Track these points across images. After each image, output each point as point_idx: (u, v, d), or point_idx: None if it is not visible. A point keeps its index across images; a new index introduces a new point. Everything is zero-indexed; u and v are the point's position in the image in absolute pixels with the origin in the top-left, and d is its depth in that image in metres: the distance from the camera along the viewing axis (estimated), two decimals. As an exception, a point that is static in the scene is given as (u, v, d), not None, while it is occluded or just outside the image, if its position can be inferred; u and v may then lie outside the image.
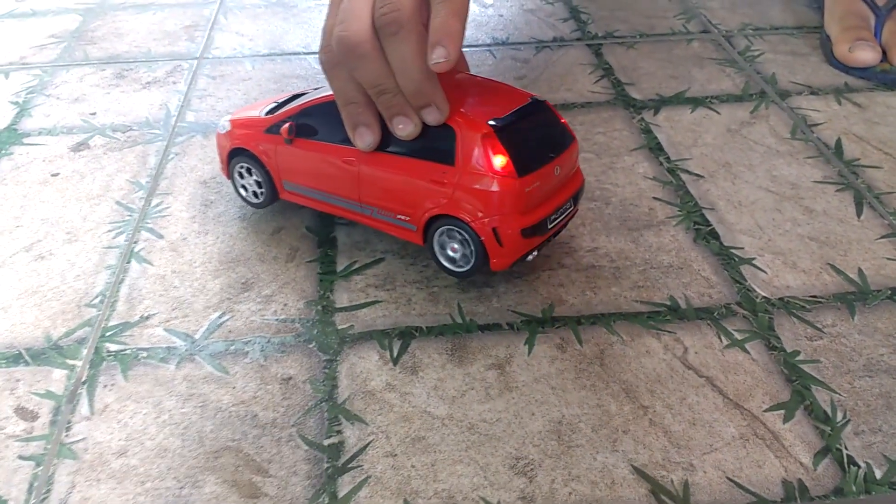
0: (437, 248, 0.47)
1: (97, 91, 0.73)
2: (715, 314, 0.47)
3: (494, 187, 0.43)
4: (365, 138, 0.46)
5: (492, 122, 0.43)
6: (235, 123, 0.53)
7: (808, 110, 0.67)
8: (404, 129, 0.44)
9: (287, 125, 0.49)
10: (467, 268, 0.46)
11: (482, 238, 0.44)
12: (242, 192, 0.55)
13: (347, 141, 0.47)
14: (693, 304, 0.48)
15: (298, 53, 0.79)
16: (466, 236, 0.45)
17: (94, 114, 0.70)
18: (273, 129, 0.51)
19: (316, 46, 0.80)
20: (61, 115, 0.69)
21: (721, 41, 0.80)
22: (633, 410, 0.41)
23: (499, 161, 0.43)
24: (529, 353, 0.45)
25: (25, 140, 0.66)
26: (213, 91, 0.73)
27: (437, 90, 0.43)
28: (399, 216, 0.47)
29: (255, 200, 0.55)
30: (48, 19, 0.88)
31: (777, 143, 0.63)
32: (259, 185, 0.54)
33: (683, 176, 0.59)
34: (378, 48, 0.42)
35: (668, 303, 0.48)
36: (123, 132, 0.67)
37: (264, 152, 0.52)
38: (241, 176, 0.54)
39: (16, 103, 0.71)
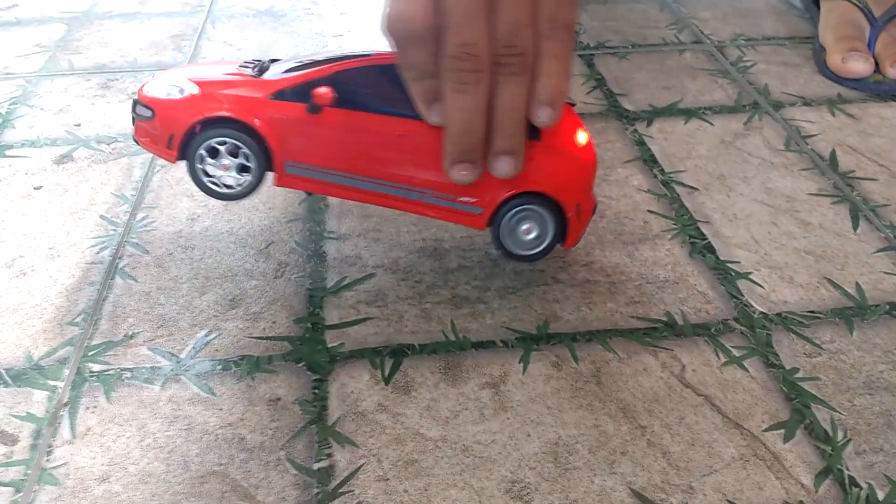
0: (505, 233, 0.45)
1: (82, 102, 0.72)
2: (712, 330, 0.46)
3: (580, 163, 0.42)
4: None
5: (568, 100, 0.42)
6: (208, 85, 0.43)
7: (802, 121, 0.67)
8: (467, 175, 0.40)
9: (324, 90, 0.42)
10: (541, 248, 0.45)
11: (568, 214, 0.43)
12: (207, 179, 0.45)
13: (405, 113, 0.42)
14: (690, 320, 0.47)
15: (287, 63, 0.78)
16: (547, 215, 0.43)
17: (78, 125, 0.68)
18: (285, 94, 0.43)
19: (304, 54, 0.79)
20: (45, 126, 0.68)
21: (713, 52, 0.79)
22: (631, 431, 0.40)
23: (583, 137, 0.42)
24: (524, 371, 0.44)
25: (8, 152, 0.64)
26: (201, 102, 0.71)
27: (523, 141, 0.40)
28: (462, 198, 0.43)
29: (229, 190, 0.45)
30: (32, 28, 0.87)
31: (771, 154, 0.63)
32: (243, 168, 0.44)
33: (678, 188, 0.58)
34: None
35: (665, 319, 0.47)
36: (108, 144, 0.65)
37: (267, 124, 0.43)
38: (210, 157, 0.44)
39: (-2, 114, 0.70)
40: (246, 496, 0.37)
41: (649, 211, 0.56)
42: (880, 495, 0.37)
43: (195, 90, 0.43)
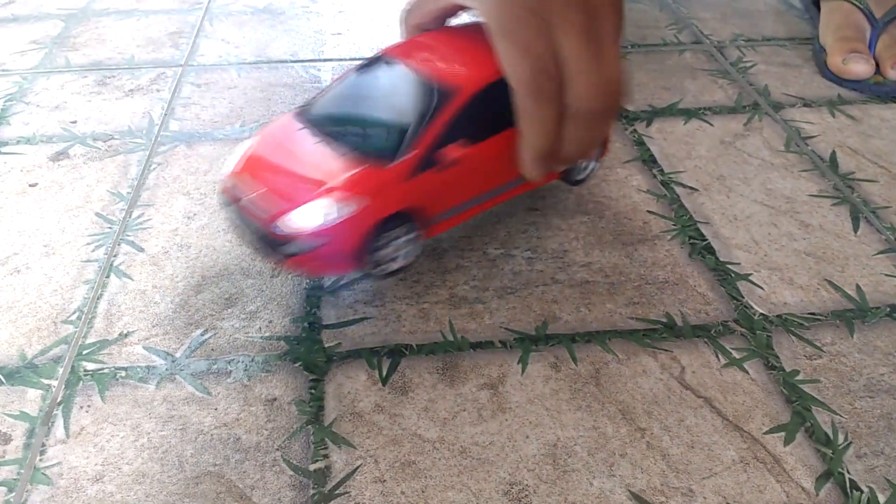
0: (573, 170, 0.53)
1: (78, 99, 0.71)
2: (712, 332, 0.46)
3: None
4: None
5: None
6: (363, 189, 0.42)
7: (802, 123, 0.67)
8: (539, 174, 0.46)
9: (449, 151, 0.43)
10: (588, 172, 0.54)
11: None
12: (377, 269, 0.45)
13: (503, 127, 0.45)
14: (690, 321, 0.46)
15: (285, 61, 0.78)
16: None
17: (74, 122, 0.68)
18: (424, 166, 0.43)
19: (304, 54, 0.79)
20: (41, 123, 0.68)
21: (713, 52, 0.79)
22: (630, 433, 0.40)
23: None
24: (523, 372, 0.43)
25: (3, 149, 0.64)
26: (198, 99, 0.71)
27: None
28: None
29: (397, 266, 0.46)
30: (29, 25, 0.86)
31: (771, 155, 0.62)
32: (406, 243, 0.45)
33: (677, 189, 0.58)
34: None
35: (665, 320, 0.46)
36: (105, 141, 0.65)
37: (418, 200, 0.44)
38: (383, 248, 0.45)
39: (-6, 111, 0.69)
40: (241, 497, 0.37)
41: (649, 211, 0.56)
42: (881, 499, 0.37)
43: (355, 204, 0.42)
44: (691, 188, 0.58)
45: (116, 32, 0.84)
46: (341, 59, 0.78)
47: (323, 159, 0.43)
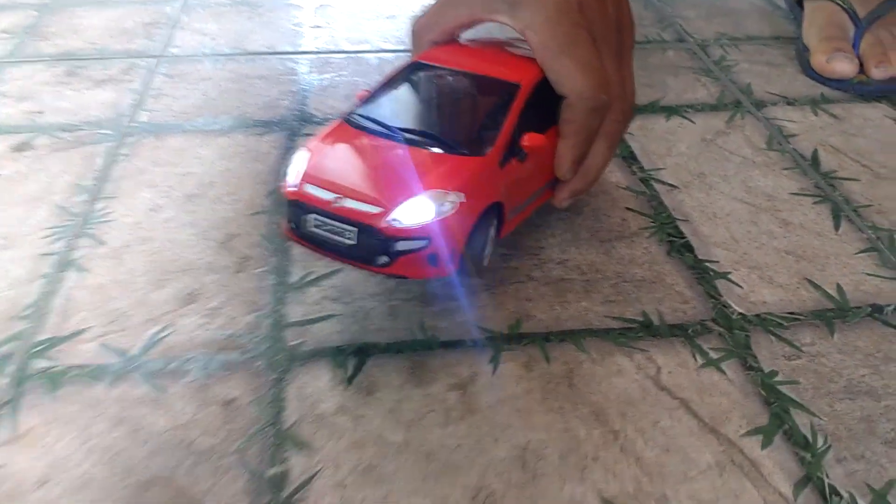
0: None
1: (46, 89, 0.69)
2: (689, 331, 0.44)
3: None
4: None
5: None
6: (466, 180, 0.41)
7: (784, 121, 0.66)
8: (564, 202, 0.49)
9: (531, 137, 0.43)
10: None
11: None
12: (475, 267, 0.44)
13: (548, 123, 0.46)
14: (667, 320, 0.45)
15: (262, 53, 0.76)
16: None
17: (40, 112, 0.66)
18: (509, 155, 0.43)
19: (281, 46, 0.77)
20: (6, 113, 0.65)
21: (696, 50, 0.78)
22: (603, 435, 0.38)
23: None
24: (494, 371, 0.42)
25: (-37, 139, 0.62)
26: (170, 91, 0.69)
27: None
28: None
29: (486, 264, 0.45)
30: (2, 14, 0.84)
31: (753, 153, 0.61)
32: (491, 242, 0.45)
33: (657, 186, 0.57)
34: None
35: (641, 319, 0.45)
36: (70, 132, 0.63)
37: (503, 192, 0.43)
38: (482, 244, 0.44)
39: (-44, 100, 0.67)
40: (192, 503, 0.35)
41: (627, 208, 0.54)
42: (861, 505, 0.36)
43: (464, 193, 0.40)
44: (671, 185, 0.57)
45: (90, 22, 0.82)
46: (319, 53, 0.76)
47: (412, 158, 0.42)
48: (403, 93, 0.47)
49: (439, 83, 0.47)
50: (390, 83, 0.48)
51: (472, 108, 0.46)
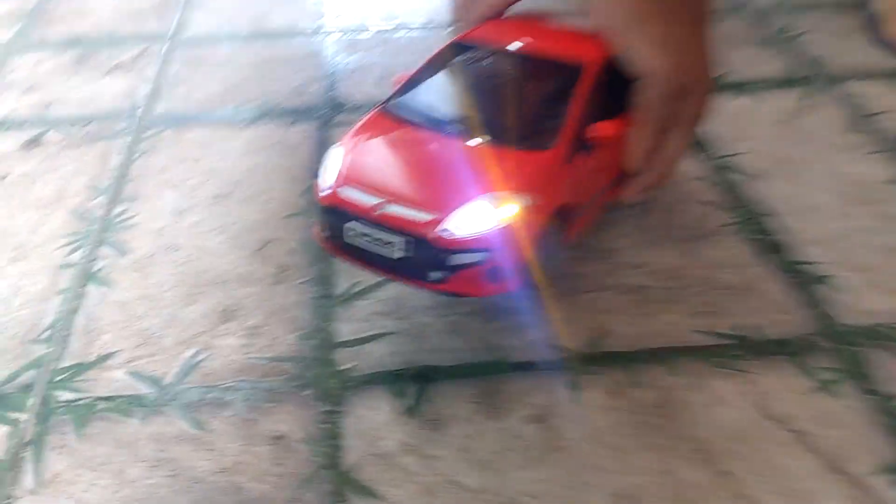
0: None
1: (54, 78, 0.64)
2: (793, 348, 0.39)
3: None
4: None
5: None
6: (532, 180, 0.36)
7: (864, 97, 0.60)
8: (634, 198, 0.43)
9: (602, 127, 0.38)
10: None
11: None
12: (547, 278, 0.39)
13: (616, 109, 0.40)
14: (766, 334, 0.40)
15: (283, 34, 0.70)
16: None
17: (49, 105, 0.60)
18: (576, 149, 0.38)
19: (304, 25, 0.71)
20: (11, 106, 0.60)
21: (755, 19, 0.71)
22: (711, 478, 0.33)
23: None
24: (575, 400, 0.37)
25: (-32, 136, 0.57)
26: (187, 77, 0.64)
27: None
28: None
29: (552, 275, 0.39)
30: (0, -4, 0.78)
31: (833, 135, 0.55)
32: (556, 248, 0.40)
33: (734, 175, 0.51)
34: None
35: (736, 333, 0.40)
36: (83, 126, 0.58)
37: (572, 193, 0.38)
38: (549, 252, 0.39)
39: (-42, 92, 0.62)
40: (245, 566, 0.30)
41: (703, 202, 0.49)
42: None
43: (531, 196, 0.35)
44: (749, 174, 0.51)
45: (97, 4, 0.77)
46: (345, 31, 0.70)
47: (466, 155, 0.36)
48: (449, 77, 0.41)
49: (490, 66, 0.41)
50: (432, 66, 0.42)
51: (531, 94, 0.40)
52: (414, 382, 0.38)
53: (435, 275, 0.35)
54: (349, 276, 0.44)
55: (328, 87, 0.62)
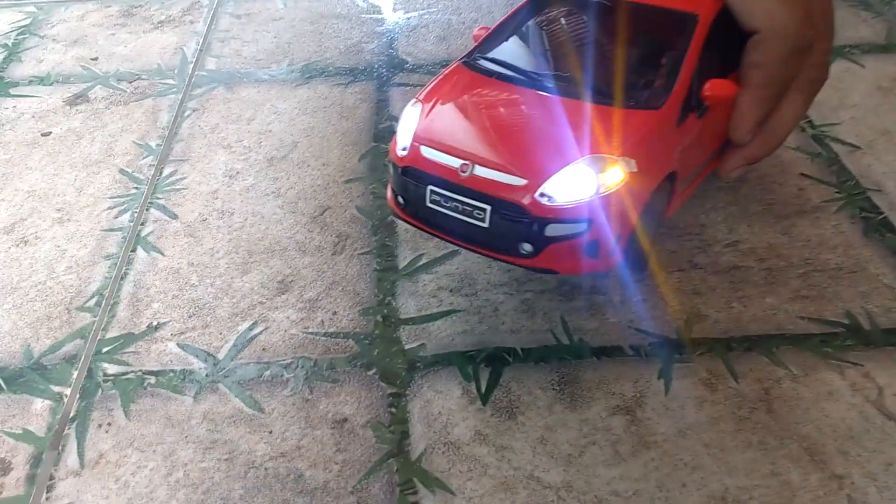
0: None
1: (100, 32, 0.61)
2: (910, 338, 0.35)
3: None
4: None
5: None
6: (640, 141, 0.32)
7: (973, 63, 0.54)
8: (735, 172, 0.39)
9: (716, 85, 0.34)
10: None
11: None
12: (642, 257, 0.36)
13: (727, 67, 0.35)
14: (878, 323, 0.36)
15: (338, -11, 0.66)
16: None
17: (95, 59, 0.58)
18: (688, 109, 0.34)
19: (358, -20, 0.67)
20: (57, 60, 0.58)
21: (848, -23, 0.66)
22: (823, 482, 0.30)
23: None
24: (667, 391, 0.33)
25: (13, 90, 0.54)
26: (238, 33, 0.60)
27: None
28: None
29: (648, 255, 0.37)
30: (45, -53, 0.76)
31: (941, 104, 0.50)
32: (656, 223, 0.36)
33: (835, 146, 0.46)
34: None
35: (846, 321, 0.36)
36: (130, 82, 0.55)
37: (680, 159, 0.34)
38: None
39: (4, 46, 0.60)
40: (307, 563, 0.28)
41: (803, 175, 0.44)
42: None
43: (629, 164, 0.31)
44: (852, 145, 0.46)
45: (144, -44, 0.74)
46: (403, -14, 0.66)
47: (565, 113, 0.32)
48: (541, 27, 0.37)
49: (589, 15, 0.37)
50: (520, 15, 0.38)
51: (637, 46, 0.35)
52: (486, 365, 0.34)
53: (525, 248, 0.31)
54: (412, 246, 0.41)
55: (386, 45, 0.58)
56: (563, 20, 0.37)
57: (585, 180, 0.31)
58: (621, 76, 0.34)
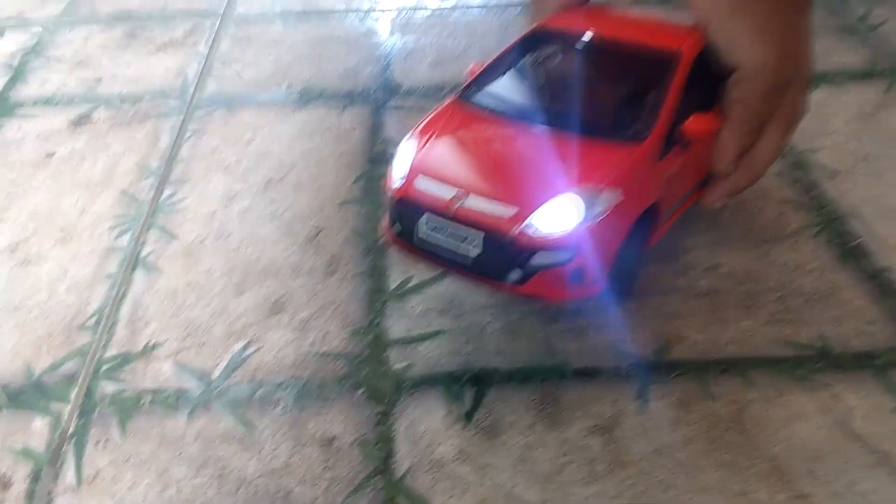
0: None
1: (104, 53, 0.63)
2: (880, 362, 0.36)
3: None
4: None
5: None
6: (621, 175, 0.33)
7: (954, 90, 0.55)
8: (718, 202, 0.40)
9: (695, 122, 0.35)
10: None
11: None
12: (622, 285, 0.38)
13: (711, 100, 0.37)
14: (850, 346, 0.37)
15: (337, 11, 0.68)
16: None
17: (99, 80, 0.59)
18: (669, 143, 0.35)
19: (357, 3, 0.69)
20: (61, 81, 0.59)
21: (835, 5, 0.67)
22: (790, 500, 0.31)
23: None
24: (643, 411, 0.34)
25: (18, 111, 0.56)
26: (239, 55, 0.62)
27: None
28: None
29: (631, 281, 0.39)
30: (52, -31, 0.77)
31: (921, 130, 0.51)
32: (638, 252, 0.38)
33: (815, 171, 0.48)
34: None
35: (819, 344, 0.37)
36: (132, 104, 0.56)
37: (662, 188, 0.36)
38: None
39: (9, 66, 0.61)
40: (294, 577, 0.29)
41: (783, 200, 0.46)
42: None
43: (619, 192, 0.33)
44: (832, 170, 0.48)
45: (148, -22, 0.75)
46: (402, 8, 0.68)
47: (552, 146, 0.34)
48: (531, 65, 0.39)
49: (577, 54, 0.39)
50: (512, 53, 0.39)
51: (621, 83, 0.37)
52: (470, 385, 0.36)
53: (514, 275, 0.33)
54: (402, 269, 0.42)
55: (382, 69, 0.59)
56: (552, 58, 0.39)
57: (571, 211, 0.32)
58: (608, 111, 0.35)
